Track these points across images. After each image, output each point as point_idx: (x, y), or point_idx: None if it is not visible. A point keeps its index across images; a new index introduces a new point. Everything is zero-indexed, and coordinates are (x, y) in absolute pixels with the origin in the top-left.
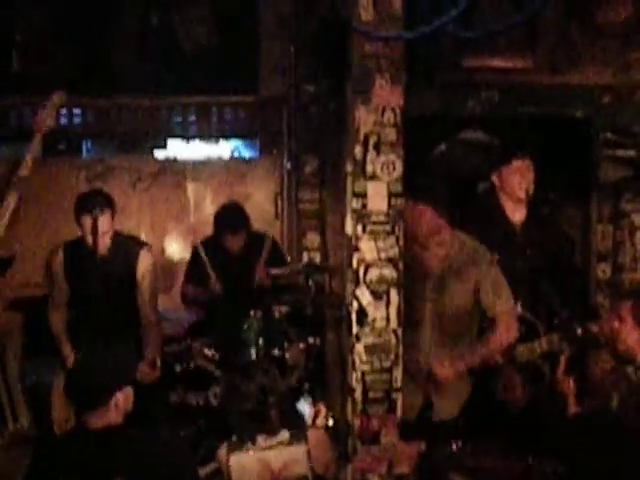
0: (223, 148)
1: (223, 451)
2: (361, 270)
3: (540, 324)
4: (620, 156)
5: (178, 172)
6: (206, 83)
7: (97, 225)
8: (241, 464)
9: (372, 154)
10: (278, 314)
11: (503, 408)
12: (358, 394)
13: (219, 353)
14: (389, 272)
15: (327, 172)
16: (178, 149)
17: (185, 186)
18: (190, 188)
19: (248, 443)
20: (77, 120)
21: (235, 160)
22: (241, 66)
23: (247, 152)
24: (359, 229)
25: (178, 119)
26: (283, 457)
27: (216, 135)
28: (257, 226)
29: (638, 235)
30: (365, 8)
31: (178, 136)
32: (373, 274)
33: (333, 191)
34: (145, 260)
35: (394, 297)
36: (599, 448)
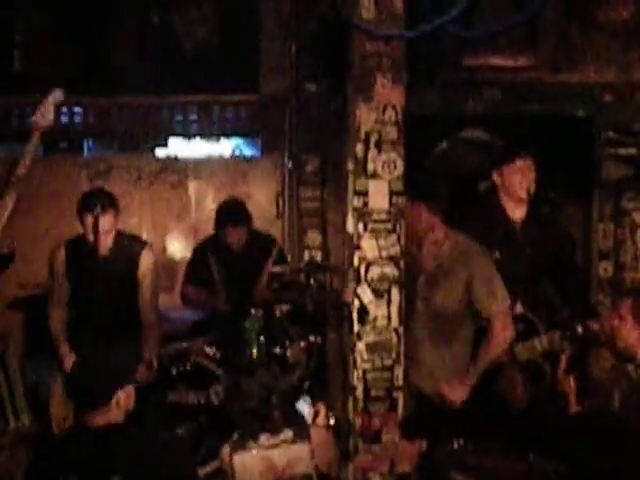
0: (224, 147)
1: (226, 450)
2: (362, 268)
3: (540, 323)
4: (621, 155)
5: (179, 171)
6: (207, 82)
7: (98, 224)
8: (245, 463)
9: (373, 152)
10: (279, 312)
11: (504, 407)
12: (359, 392)
13: (220, 352)
14: (390, 270)
15: (328, 171)
16: (179, 148)
17: (186, 185)
18: (191, 187)
19: (251, 442)
20: (78, 119)
21: (236, 159)
22: (242, 65)
23: (248, 151)
24: (360, 227)
25: (179, 118)
26: (287, 456)
27: (217, 134)
28: (258, 225)
29: (639, 233)
30: (366, 7)
31: (179, 135)
32: (374, 272)
33: (334, 190)
34: (146, 260)
35: (395, 295)
36: (600, 447)
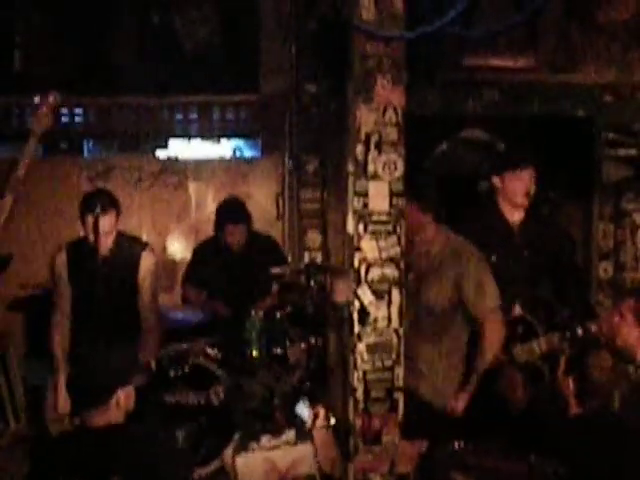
0: (224, 147)
1: (229, 452)
2: (362, 269)
3: (539, 325)
4: (621, 155)
5: (179, 171)
6: (207, 82)
7: (98, 225)
8: (247, 465)
9: (373, 153)
10: (280, 314)
11: (505, 408)
12: (360, 393)
13: (221, 352)
14: (390, 271)
15: (328, 171)
16: (179, 148)
17: (186, 185)
18: (191, 187)
19: (253, 443)
20: (78, 119)
21: (236, 159)
22: (242, 65)
23: (248, 151)
24: (360, 228)
25: (179, 118)
26: (290, 456)
27: (217, 134)
28: (258, 225)
29: (639, 234)
30: (366, 7)
31: (179, 135)
32: (375, 273)
33: (334, 190)
34: (147, 262)
35: (396, 296)
36: (600, 448)
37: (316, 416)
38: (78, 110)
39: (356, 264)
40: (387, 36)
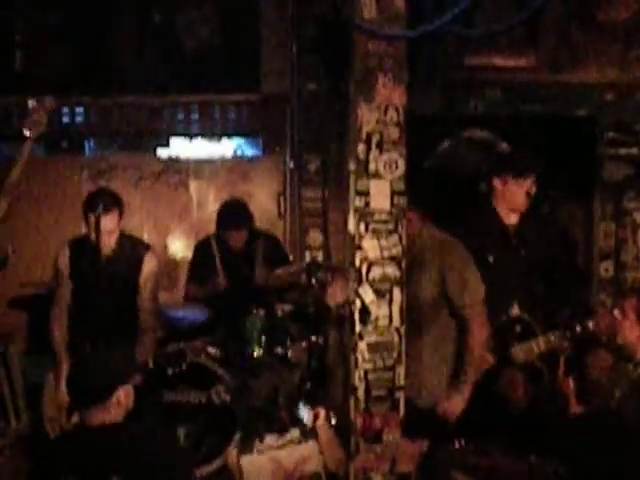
0: (226, 147)
1: (233, 452)
2: (364, 268)
3: (537, 325)
4: (623, 154)
5: (181, 171)
6: (208, 82)
7: (100, 224)
8: (253, 465)
9: (375, 153)
10: (281, 312)
11: (505, 407)
12: (361, 392)
13: (222, 351)
14: (392, 270)
15: (330, 171)
16: (181, 148)
17: (188, 185)
18: (193, 187)
19: (258, 443)
20: (79, 119)
21: (238, 159)
22: (243, 65)
23: (250, 151)
24: (362, 227)
25: (181, 118)
26: (296, 455)
27: (218, 134)
28: (260, 224)
29: None
30: (367, 6)
31: (181, 135)
32: (376, 272)
33: (336, 190)
34: (149, 264)
35: (397, 295)
36: (600, 447)
37: (316, 416)
38: (79, 109)
39: (357, 263)
40: (388, 35)
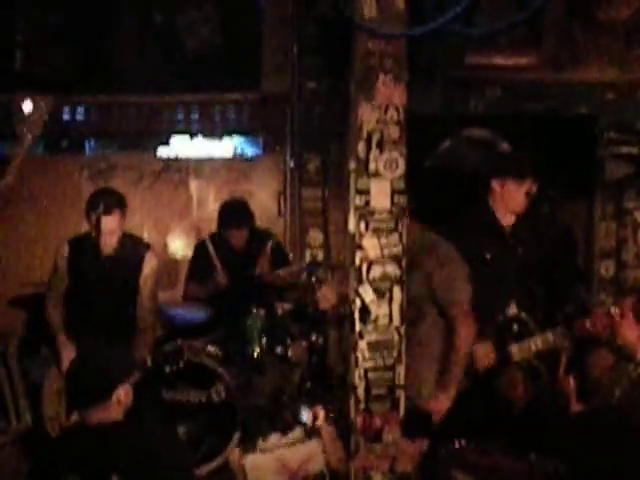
0: (226, 146)
1: (236, 452)
2: (364, 268)
3: (534, 323)
4: (623, 153)
5: (181, 170)
6: (209, 81)
7: (100, 224)
8: (257, 464)
9: (375, 152)
10: (281, 311)
11: (505, 406)
12: (361, 391)
13: (222, 350)
14: (392, 269)
15: (330, 170)
16: (181, 147)
17: (188, 184)
18: (193, 186)
19: (261, 441)
20: (80, 118)
21: (238, 158)
22: (244, 64)
23: (250, 150)
24: (362, 227)
25: (181, 117)
26: (299, 454)
27: (219, 133)
28: (260, 224)
29: None
30: (368, 5)
31: (181, 134)
32: (376, 272)
33: (336, 189)
34: (150, 263)
35: (397, 294)
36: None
37: (316, 416)
38: (79, 109)
39: (357, 262)
40: (389, 34)
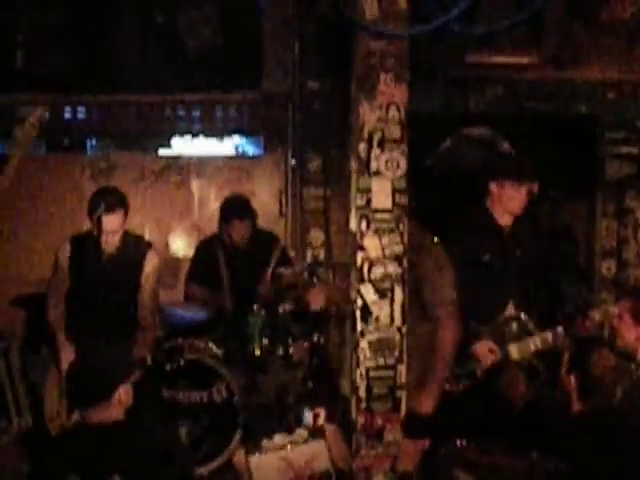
0: (227, 145)
1: (241, 452)
2: (365, 267)
3: (533, 323)
4: (624, 153)
5: (182, 169)
6: (210, 81)
7: (101, 223)
8: (261, 464)
9: (376, 151)
10: (282, 311)
11: (506, 405)
12: (362, 391)
13: (223, 350)
14: (393, 269)
15: (331, 169)
16: (182, 146)
17: (189, 183)
18: (194, 185)
19: (266, 441)
20: (81, 117)
21: (239, 157)
22: (245, 64)
23: (251, 149)
24: (363, 226)
25: (182, 116)
26: (305, 454)
27: (220, 132)
28: (261, 223)
29: None
30: (369, 5)
31: (182, 133)
32: (377, 272)
33: (337, 188)
34: (151, 262)
35: (398, 294)
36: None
37: (316, 417)
38: (81, 108)
39: (359, 262)
40: (390, 34)
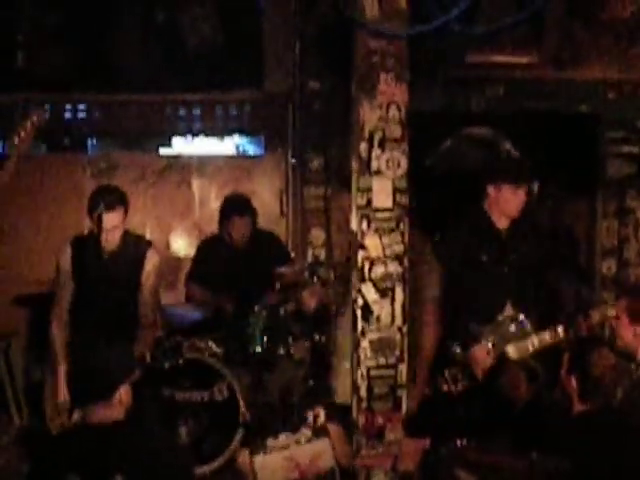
0: (228, 145)
1: (245, 452)
2: (366, 267)
3: (531, 323)
4: (625, 152)
5: (183, 168)
6: (211, 80)
7: (102, 221)
8: (266, 464)
9: (377, 151)
10: (283, 311)
11: (507, 405)
12: (363, 390)
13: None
14: (394, 268)
15: (332, 169)
16: (183, 146)
17: (190, 183)
18: (195, 185)
19: (271, 441)
20: (82, 116)
21: (240, 157)
22: (246, 63)
23: (252, 149)
24: (364, 225)
25: (183, 116)
26: (310, 452)
27: (221, 132)
28: (262, 222)
29: None
30: (370, 5)
31: (183, 133)
32: (378, 271)
33: (338, 188)
34: (152, 260)
35: (399, 293)
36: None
37: (316, 417)
38: (81, 107)
39: (360, 261)
40: (390, 33)
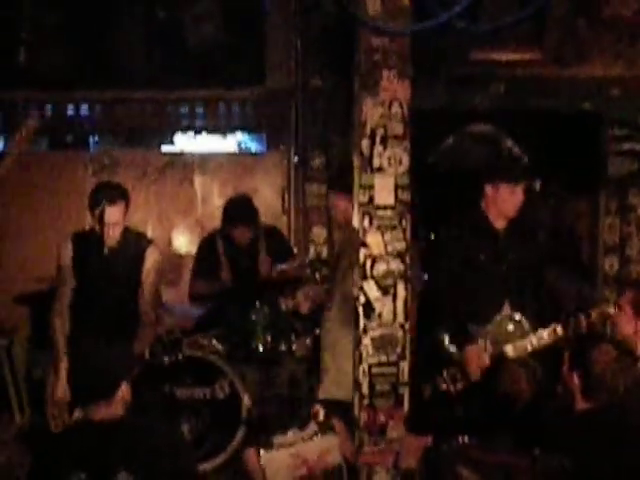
0: (230, 142)
1: (251, 450)
2: (368, 264)
3: (529, 323)
4: (628, 150)
5: (185, 166)
6: (213, 77)
7: (103, 216)
8: (273, 461)
9: (379, 148)
10: (285, 307)
11: (508, 402)
12: (365, 387)
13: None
14: (396, 265)
15: (334, 166)
16: (185, 143)
17: (192, 180)
18: (197, 182)
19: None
20: (84, 114)
21: (242, 154)
22: (248, 60)
23: (254, 146)
24: (366, 222)
25: (185, 113)
26: (317, 448)
27: (223, 129)
28: (264, 220)
29: None
30: (372, 2)
31: (185, 130)
32: (380, 268)
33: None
34: (152, 257)
35: (401, 291)
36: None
37: (315, 415)
38: (83, 105)
39: (362, 258)
40: (393, 30)
